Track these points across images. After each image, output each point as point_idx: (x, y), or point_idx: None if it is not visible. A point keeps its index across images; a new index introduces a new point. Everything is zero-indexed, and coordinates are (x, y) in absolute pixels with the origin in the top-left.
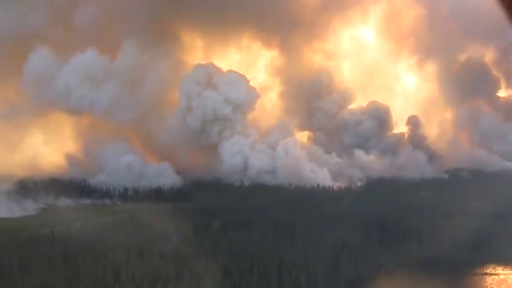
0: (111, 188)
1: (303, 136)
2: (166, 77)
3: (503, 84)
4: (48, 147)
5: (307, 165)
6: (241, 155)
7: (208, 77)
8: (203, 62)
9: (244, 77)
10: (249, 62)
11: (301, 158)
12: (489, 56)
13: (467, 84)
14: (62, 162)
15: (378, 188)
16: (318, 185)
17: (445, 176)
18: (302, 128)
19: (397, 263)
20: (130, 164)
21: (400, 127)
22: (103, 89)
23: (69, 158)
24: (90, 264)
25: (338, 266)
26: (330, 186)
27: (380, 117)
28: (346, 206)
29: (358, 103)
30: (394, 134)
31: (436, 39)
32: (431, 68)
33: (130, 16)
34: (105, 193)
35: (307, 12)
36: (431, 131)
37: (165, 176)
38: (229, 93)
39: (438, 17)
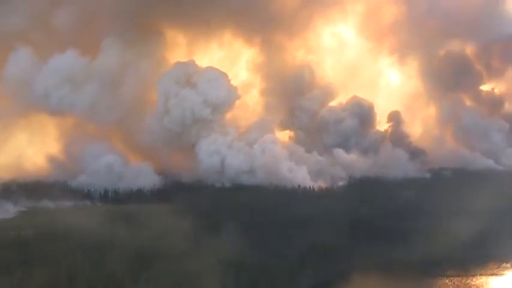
0: (93, 189)
1: (284, 135)
2: (148, 76)
3: (485, 79)
4: (30, 149)
5: (288, 165)
6: (219, 155)
7: (188, 75)
8: (182, 60)
9: (224, 74)
10: (231, 60)
11: (281, 157)
12: (470, 51)
13: (450, 80)
14: (45, 164)
15: (360, 188)
16: (299, 185)
17: (428, 175)
18: (283, 126)
19: (369, 265)
20: (112, 165)
21: (382, 124)
22: (84, 90)
23: (52, 159)
24: (52, 267)
25: (307, 267)
26: (310, 187)
27: (362, 114)
28: (324, 207)
29: (339, 100)
30: (377, 131)
31: (417, 35)
32: (413, 64)
33: (111, 15)
34: (86, 194)
35: (288, 10)
36: (414, 129)
37: (146, 177)
38: (209, 92)
39: (418, 13)
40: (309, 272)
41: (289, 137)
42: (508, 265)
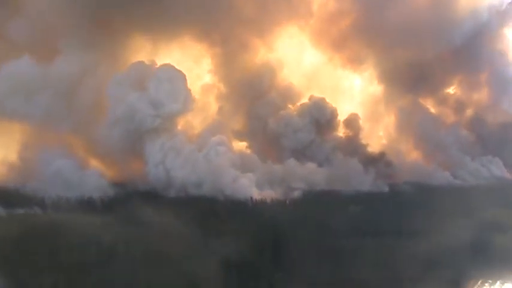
0: (46, 196)
1: (238, 144)
2: (106, 81)
3: (441, 87)
4: None
5: (233, 174)
6: (165, 165)
7: (140, 78)
8: (135, 61)
9: (182, 75)
10: (191, 62)
11: (227, 165)
12: (428, 59)
13: (407, 87)
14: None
15: (314, 200)
16: (251, 197)
17: (387, 188)
18: (239, 133)
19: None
20: (65, 173)
21: (340, 133)
22: (42, 95)
23: (8, 165)
24: None
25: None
26: (263, 198)
27: (319, 121)
28: (270, 220)
29: (296, 107)
30: (334, 140)
31: (375, 41)
32: (372, 71)
33: (70, 17)
34: (38, 202)
35: (250, 12)
36: (375, 139)
37: (99, 186)
38: (161, 99)
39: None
40: None
41: (245, 146)
42: None
